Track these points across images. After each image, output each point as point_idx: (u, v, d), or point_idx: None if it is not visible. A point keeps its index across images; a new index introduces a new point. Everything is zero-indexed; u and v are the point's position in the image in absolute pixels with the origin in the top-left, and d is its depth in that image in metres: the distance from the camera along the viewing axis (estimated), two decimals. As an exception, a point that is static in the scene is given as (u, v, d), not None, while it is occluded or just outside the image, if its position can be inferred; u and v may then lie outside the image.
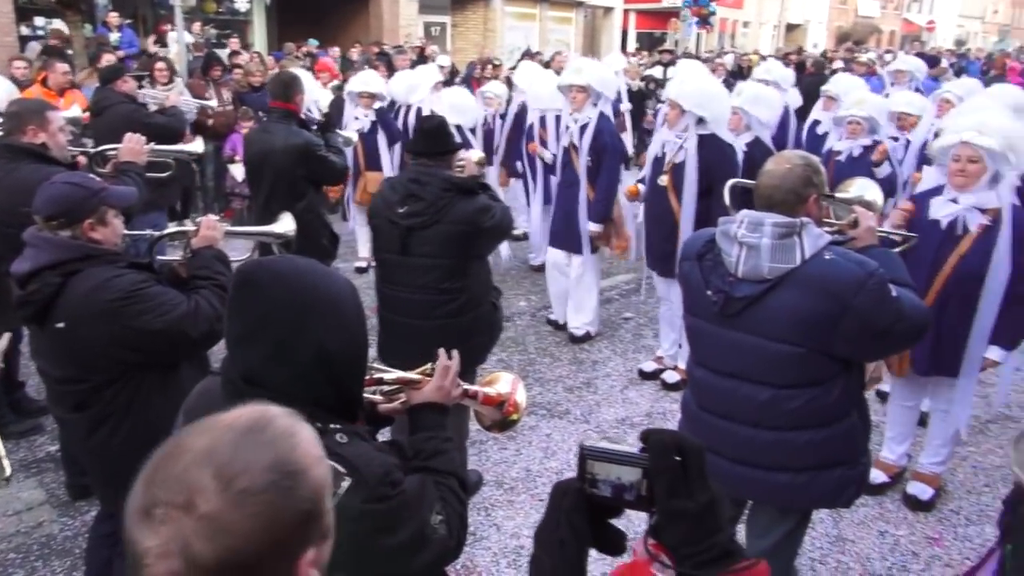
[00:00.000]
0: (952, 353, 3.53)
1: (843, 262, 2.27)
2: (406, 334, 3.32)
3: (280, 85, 4.59)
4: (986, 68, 18.77)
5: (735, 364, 2.40)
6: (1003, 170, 3.37)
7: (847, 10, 44.88)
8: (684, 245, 2.68)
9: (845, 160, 5.60)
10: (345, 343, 1.41)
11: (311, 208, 4.45)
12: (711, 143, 4.71)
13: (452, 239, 3.21)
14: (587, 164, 5.45)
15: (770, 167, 2.42)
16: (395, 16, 17.86)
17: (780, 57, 16.36)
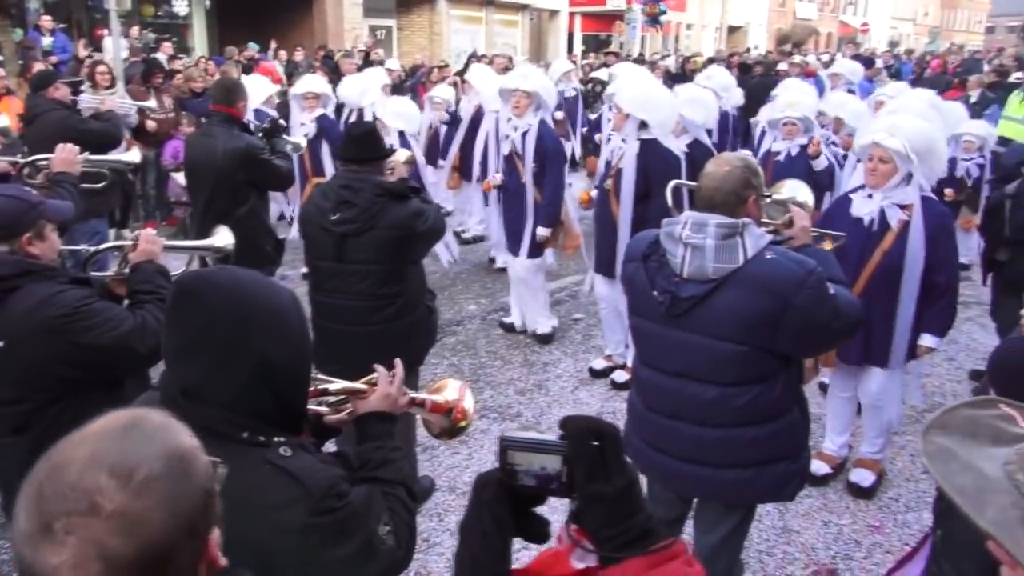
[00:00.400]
0: (881, 344, 3.69)
1: (784, 261, 2.34)
2: (343, 341, 3.30)
3: (222, 90, 4.54)
4: (919, 69, 19.48)
5: (681, 363, 2.44)
6: (912, 170, 3.52)
7: (786, 12, 46.02)
8: (627, 247, 2.72)
9: (784, 160, 5.75)
10: (288, 354, 1.40)
11: (254, 214, 4.38)
12: (651, 149, 4.78)
13: (387, 244, 3.21)
14: (532, 170, 5.49)
15: (710, 169, 2.47)
16: (339, 19, 17.70)
17: (725, 59, 16.71)
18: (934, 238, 3.52)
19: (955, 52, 23.49)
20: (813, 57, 16.89)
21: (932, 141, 3.54)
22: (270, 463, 1.35)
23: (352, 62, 10.44)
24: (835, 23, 51.07)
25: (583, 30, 31.46)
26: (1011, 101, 8.55)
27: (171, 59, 11.33)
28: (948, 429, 0.92)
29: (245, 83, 7.96)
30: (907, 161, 3.50)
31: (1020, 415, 0.92)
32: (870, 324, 3.60)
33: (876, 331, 3.67)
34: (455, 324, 6.21)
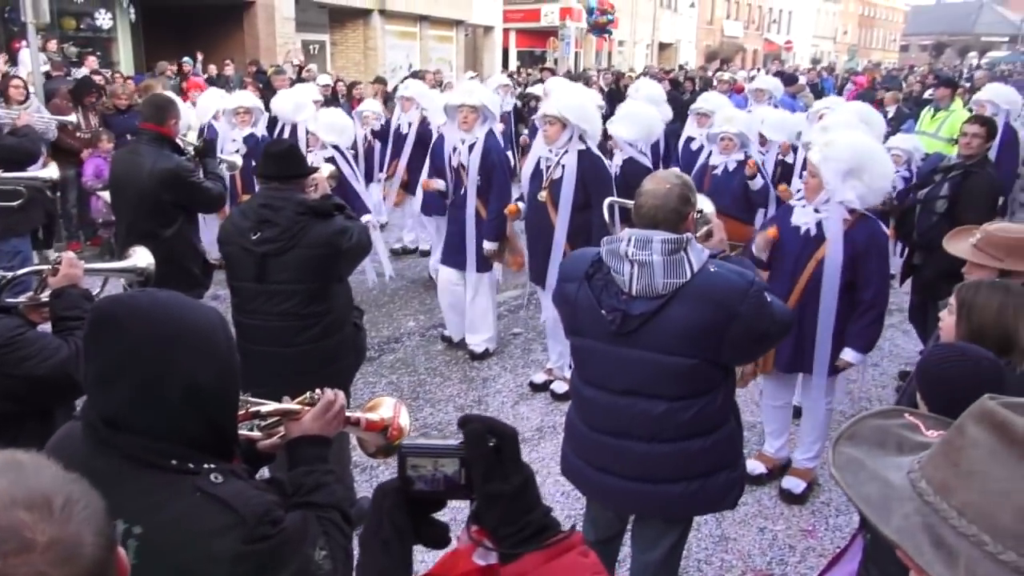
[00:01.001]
0: (812, 352, 3.82)
1: (726, 273, 2.41)
2: (269, 363, 3.23)
3: (153, 107, 4.39)
4: (840, 85, 20.29)
5: (630, 381, 2.44)
6: (830, 187, 3.63)
7: (713, 30, 47.44)
8: (563, 267, 2.70)
9: (721, 174, 5.90)
10: (215, 376, 1.37)
11: (181, 235, 4.26)
12: (588, 158, 4.86)
13: (310, 263, 3.16)
14: (477, 183, 5.50)
15: (650, 187, 2.50)
16: (271, 34, 17.45)
17: (657, 74, 17.10)
18: (862, 253, 3.63)
19: (873, 69, 24.56)
20: (743, 73, 17.44)
21: (865, 157, 3.62)
22: (200, 491, 1.31)
23: (284, 77, 10.31)
24: (760, 41, 52.87)
25: (518, 46, 31.85)
26: (923, 117, 8.97)
27: (93, 73, 10.98)
28: (856, 439, 0.95)
29: (201, 99, 7.85)
30: (832, 177, 3.61)
31: (923, 423, 0.96)
32: (802, 331, 3.76)
33: (808, 338, 3.80)
34: (393, 341, 6.16)
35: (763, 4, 53.13)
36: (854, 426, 0.97)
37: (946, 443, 0.84)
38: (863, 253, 3.62)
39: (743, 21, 50.91)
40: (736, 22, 49.96)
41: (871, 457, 0.91)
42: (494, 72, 18.31)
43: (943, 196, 4.93)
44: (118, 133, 7.89)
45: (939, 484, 0.82)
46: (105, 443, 1.32)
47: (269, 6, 17.28)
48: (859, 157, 3.59)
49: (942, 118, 8.57)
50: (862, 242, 3.63)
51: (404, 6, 21.33)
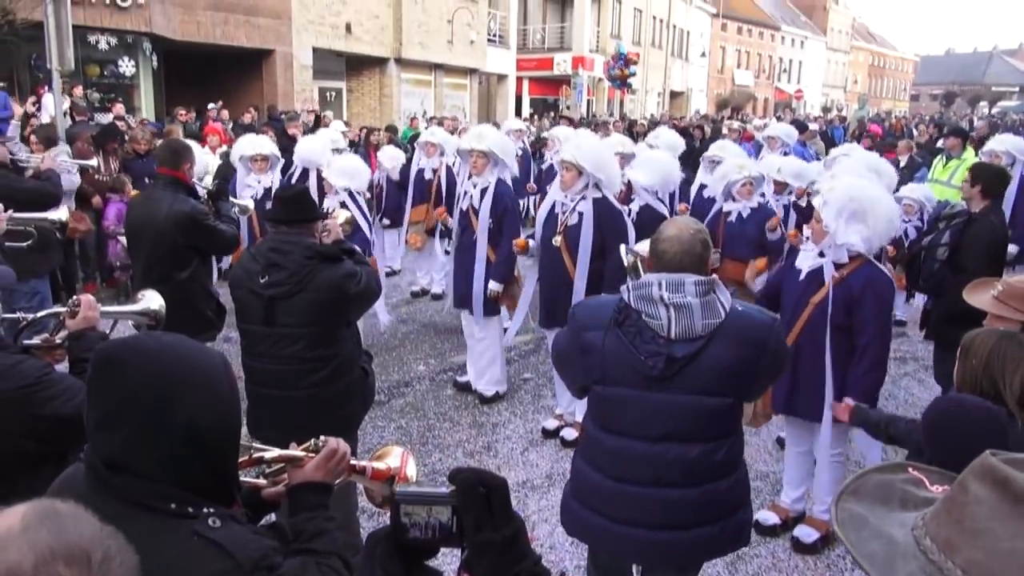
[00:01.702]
0: (805, 396, 3.77)
1: (752, 311, 2.50)
2: (275, 407, 3.23)
3: (168, 151, 4.47)
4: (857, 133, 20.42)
5: (664, 426, 2.41)
6: (831, 231, 3.64)
7: (724, 79, 48.07)
8: (582, 315, 2.62)
9: (736, 221, 5.91)
10: (217, 420, 1.36)
11: (195, 278, 4.30)
12: (605, 207, 4.89)
13: (318, 307, 3.17)
14: (488, 227, 5.55)
15: (673, 233, 2.52)
16: (289, 81, 17.85)
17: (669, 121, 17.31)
18: (858, 298, 3.60)
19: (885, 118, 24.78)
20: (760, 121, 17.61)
21: (868, 201, 3.62)
22: (198, 535, 1.30)
23: (298, 123, 10.50)
24: (771, 89, 53.48)
25: (531, 93, 32.34)
26: (935, 165, 9.00)
27: (117, 119, 11.23)
28: (860, 495, 0.93)
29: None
30: (833, 221, 3.62)
31: (927, 478, 0.94)
32: (796, 374, 3.75)
33: (801, 381, 3.77)
34: (403, 385, 6.14)
35: (773, 54, 53.89)
36: (857, 481, 0.96)
37: (949, 500, 0.82)
38: (859, 297, 3.60)
39: (753, 70, 51.60)
40: (747, 71, 50.64)
41: (874, 513, 0.89)
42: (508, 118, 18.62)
43: (944, 243, 4.95)
44: (136, 177, 8.02)
45: (943, 542, 0.80)
46: (105, 485, 1.31)
47: (288, 54, 17.71)
48: (861, 201, 3.60)
49: (954, 166, 8.59)
50: (859, 286, 3.61)
51: (419, 55, 21.77)
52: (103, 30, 14.08)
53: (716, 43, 46.91)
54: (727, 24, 48.00)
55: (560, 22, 32.71)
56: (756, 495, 4.48)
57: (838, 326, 3.63)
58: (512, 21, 28.28)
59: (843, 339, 3.64)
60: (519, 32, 30.24)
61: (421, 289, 8.86)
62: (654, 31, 38.15)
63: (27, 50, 13.25)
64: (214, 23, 16.04)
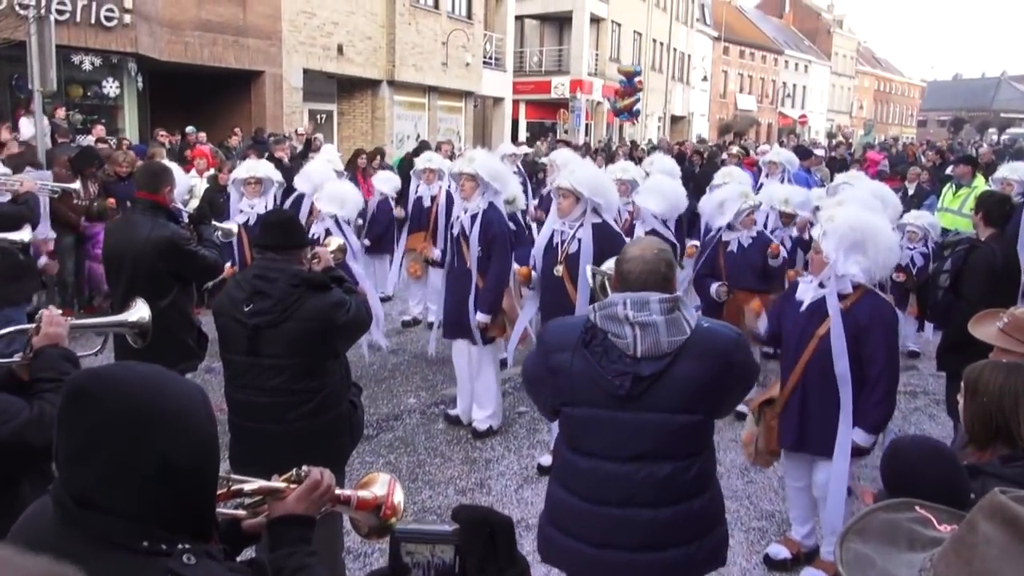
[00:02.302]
0: (817, 431, 3.77)
1: (718, 327, 2.60)
2: (259, 440, 3.20)
3: (148, 175, 4.48)
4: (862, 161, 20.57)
5: (635, 446, 2.48)
6: (832, 262, 3.69)
7: (727, 104, 48.58)
8: (547, 338, 2.72)
9: (737, 251, 5.94)
10: (193, 455, 1.35)
11: (176, 305, 4.29)
12: (603, 231, 4.91)
13: (304, 337, 3.15)
14: (477, 254, 5.55)
15: (636, 253, 2.62)
16: (279, 103, 17.95)
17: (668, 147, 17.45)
18: (865, 328, 3.65)
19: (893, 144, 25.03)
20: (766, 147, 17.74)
21: (867, 232, 3.69)
22: (172, 572, 1.28)
23: (286, 146, 10.54)
24: (774, 115, 54.04)
25: (528, 117, 32.63)
26: (944, 193, 9.08)
27: (99, 141, 11.27)
28: (865, 535, 0.92)
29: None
30: (833, 252, 3.67)
31: (936, 517, 0.94)
32: (806, 410, 3.77)
33: (812, 416, 3.77)
34: (392, 419, 6.10)
35: (776, 78, 54.55)
36: (862, 520, 0.95)
37: (958, 540, 0.82)
38: (866, 327, 3.65)
39: (756, 95, 52.20)
40: (749, 96, 51.22)
41: (881, 554, 0.88)
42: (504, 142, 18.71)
43: (946, 271, 5.05)
44: (119, 200, 8.04)
45: None
46: (74, 522, 1.29)
47: (277, 76, 17.84)
48: (861, 231, 3.67)
49: (964, 194, 8.68)
50: (865, 316, 3.66)
51: (413, 77, 21.96)
52: (87, 50, 14.17)
53: (718, 67, 47.51)
54: (729, 48, 48.64)
55: (558, 45, 33.13)
56: (762, 535, 4.46)
57: (848, 358, 3.65)
58: (508, 43, 28.61)
59: (853, 370, 3.67)
60: (516, 54, 30.62)
61: (412, 318, 8.85)
62: (654, 54, 38.62)
63: (8, 71, 13.33)
64: (202, 44, 16.17)
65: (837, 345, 3.65)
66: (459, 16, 23.96)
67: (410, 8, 21.48)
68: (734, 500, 4.88)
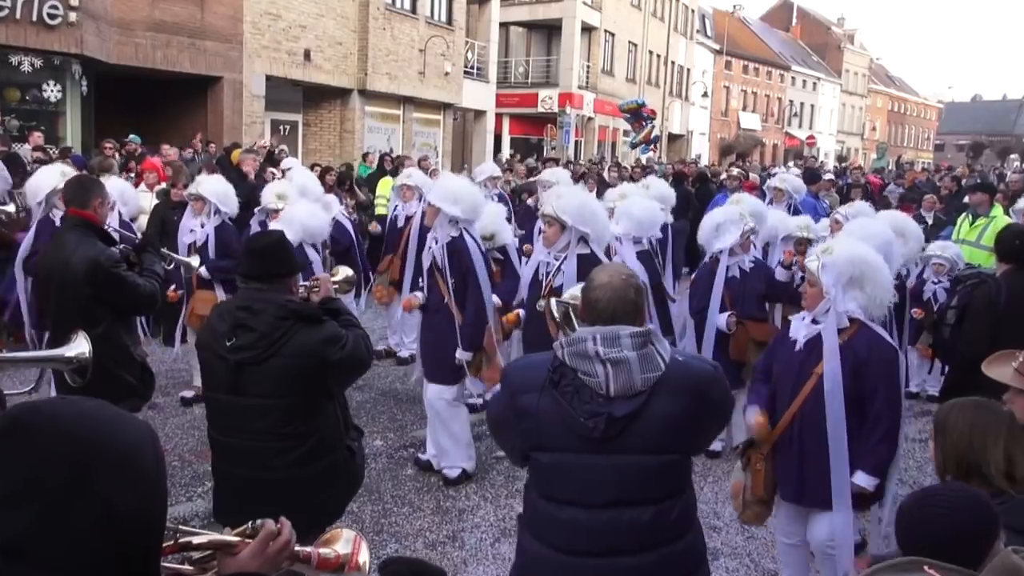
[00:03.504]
0: (817, 479, 3.78)
1: (693, 361, 2.71)
2: (245, 489, 3.17)
3: (76, 188, 4.41)
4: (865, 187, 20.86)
5: (612, 491, 2.50)
6: (830, 298, 3.75)
7: (729, 122, 49.21)
8: (512, 379, 2.74)
9: (739, 277, 5.99)
10: (139, 502, 1.33)
11: (109, 337, 4.13)
12: (590, 263, 4.91)
13: (292, 375, 3.12)
14: (452, 286, 5.56)
15: (604, 280, 2.64)
16: (238, 112, 17.99)
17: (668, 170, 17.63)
18: (864, 363, 3.71)
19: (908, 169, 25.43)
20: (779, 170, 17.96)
21: (865, 267, 3.76)
22: None
23: (252, 158, 10.55)
24: (780, 135, 54.77)
25: (512, 133, 32.88)
26: (960, 224, 9.21)
27: (36, 149, 11.23)
28: None
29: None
30: (832, 287, 3.73)
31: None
32: (803, 455, 3.80)
33: (810, 463, 3.79)
34: (357, 463, 6.07)
35: (783, 96, 55.40)
36: None
37: None
38: (865, 363, 3.71)
39: (761, 113, 52.97)
40: (753, 114, 51.95)
41: None
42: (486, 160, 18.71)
43: (953, 307, 5.17)
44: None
45: None
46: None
47: (237, 82, 17.90)
48: (859, 266, 3.75)
49: (982, 225, 8.79)
50: (863, 351, 3.72)
51: (387, 86, 22.11)
52: (27, 50, 14.16)
53: (719, 82, 48.21)
54: (731, 62, 49.42)
55: (546, 55, 33.52)
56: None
57: (847, 395, 3.69)
58: (492, 52, 28.93)
59: (851, 410, 3.71)
60: (500, 64, 30.93)
61: (385, 350, 8.83)
62: (651, 68, 39.15)
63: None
64: (154, 46, 16.21)
65: (831, 384, 3.69)
66: (439, 22, 24.22)
67: (385, 12, 21.68)
68: (733, 558, 4.88)
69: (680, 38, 41.84)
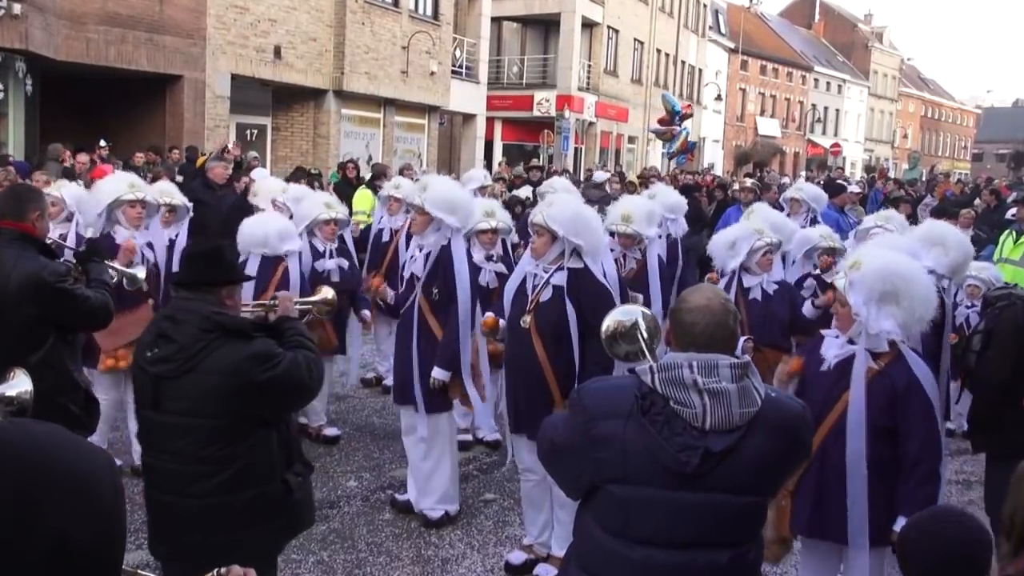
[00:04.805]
0: (835, 513, 3.78)
1: (783, 398, 2.75)
2: (166, 515, 3.20)
3: (11, 199, 4.41)
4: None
5: (691, 531, 2.55)
6: (863, 317, 3.73)
7: (745, 128, 49.51)
8: (593, 401, 2.70)
9: (761, 299, 5.97)
10: (95, 536, 1.34)
11: (51, 362, 4.12)
12: (583, 279, 4.91)
13: (212, 393, 3.15)
14: (434, 298, 5.56)
15: (700, 303, 2.65)
16: (200, 115, 18.04)
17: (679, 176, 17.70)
18: (902, 396, 3.70)
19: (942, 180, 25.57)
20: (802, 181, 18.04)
21: (900, 279, 3.73)
22: None
23: (223, 166, 10.58)
24: (802, 142, 55.13)
25: (504, 139, 33.04)
26: (1003, 242, 9.25)
27: (-28, 156, 11.23)
28: None
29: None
30: (863, 306, 3.72)
31: None
32: (823, 487, 3.80)
33: (831, 496, 3.79)
34: (327, 506, 6.02)
35: (804, 99, 55.84)
36: None
37: None
38: (903, 396, 3.69)
39: (780, 118, 53.36)
40: (772, 120, 52.34)
41: None
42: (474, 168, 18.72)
43: (979, 331, 5.18)
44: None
45: None
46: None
47: (199, 81, 17.96)
48: (891, 279, 3.71)
49: (1028, 243, 8.84)
50: (903, 380, 3.71)
51: (365, 87, 22.21)
52: (-35, 46, 14.22)
53: (734, 84, 48.60)
54: (748, 62, 49.85)
55: (542, 53, 33.74)
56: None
57: (876, 429, 3.68)
58: (483, 50, 29.10)
59: (882, 446, 3.70)
60: (491, 63, 31.11)
61: (375, 377, 8.86)
62: (658, 68, 39.46)
63: None
64: (108, 41, 16.27)
65: (854, 417, 3.69)
66: (423, 16, 24.40)
67: (364, 5, 21.83)
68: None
69: (691, 35, 42.21)
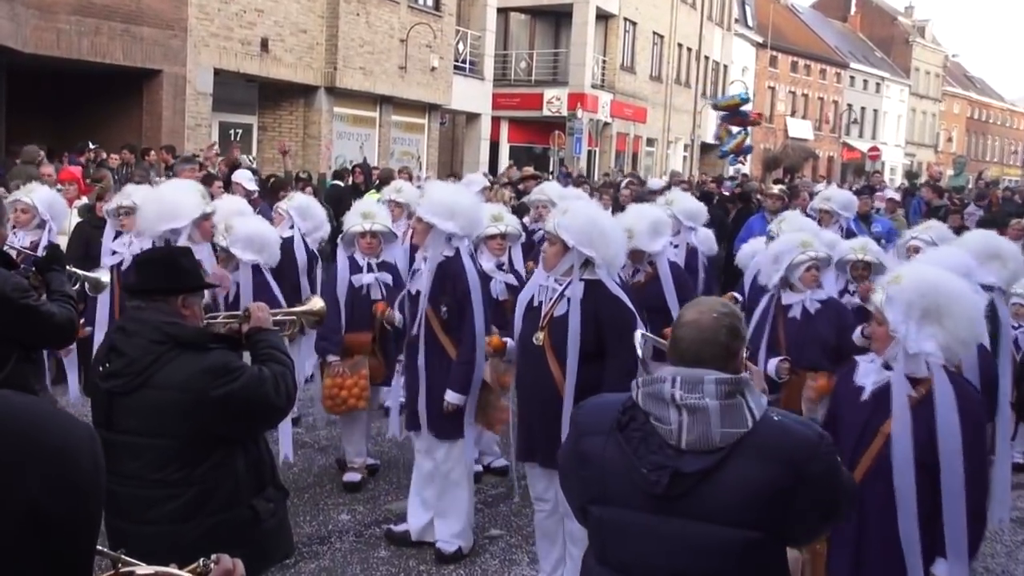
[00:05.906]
0: (878, 562, 3.73)
1: (793, 424, 2.63)
2: (120, 542, 3.19)
3: None
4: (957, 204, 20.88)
5: (676, 561, 2.52)
6: (901, 337, 3.69)
7: (774, 130, 49.53)
8: (581, 419, 2.79)
9: (801, 318, 5.91)
10: (70, 505, 1.39)
11: (14, 381, 4.12)
12: (599, 293, 4.91)
13: (165, 410, 3.17)
14: (443, 315, 5.56)
15: (692, 317, 2.69)
16: (180, 113, 18.09)
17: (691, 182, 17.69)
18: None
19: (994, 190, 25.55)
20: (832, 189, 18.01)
21: (942, 299, 3.69)
22: None
23: (191, 169, 10.60)
24: (837, 146, 55.13)
25: (511, 140, 33.07)
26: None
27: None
28: None
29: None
30: (901, 323, 3.68)
31: None
32: (865, 533, 3.75)
33: (873, 542, 3.75)
34: (317, 542, 6.02)
35: (839, 99, 55.87)
36: None
37: None
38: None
39: (813, 120, 53.38)
40: (804, 121, 52.38)
41: None
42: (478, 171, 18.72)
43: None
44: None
45: None
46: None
47: (179, 77, 18.02)
48: (934, 296, 3.67)
49: (1087, 259, 8.80)
50: (948, 412, 3.64)
51: (360, 83, 22.27)
52: (-75, 37, 14.31)
53: (763, 82, 48.67)
54: (777, 58, 49.92)
55: (553, 48, 33.83)
56: None
57: (920, 464, 3.64)
58: (488, 44, 29.18)
59: (925, 481, 3.65)
60: (497, 59, 31.21)
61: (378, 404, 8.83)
62: (680, 64, 39.54)
63: None
64: (81, 33, 16.34)
65: (900, 452, 3.63)
66: (424, 6, 24.50)
67: (359, -6, 21.90)
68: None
69: (716, 29, 42.31)
